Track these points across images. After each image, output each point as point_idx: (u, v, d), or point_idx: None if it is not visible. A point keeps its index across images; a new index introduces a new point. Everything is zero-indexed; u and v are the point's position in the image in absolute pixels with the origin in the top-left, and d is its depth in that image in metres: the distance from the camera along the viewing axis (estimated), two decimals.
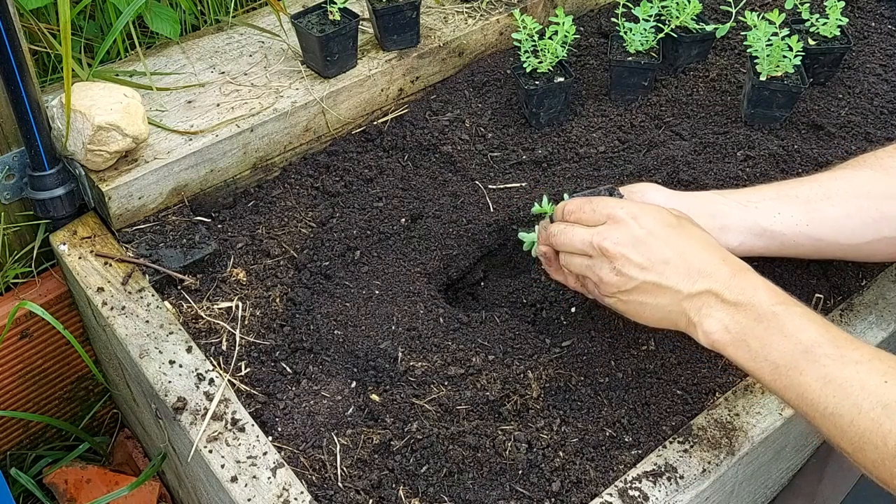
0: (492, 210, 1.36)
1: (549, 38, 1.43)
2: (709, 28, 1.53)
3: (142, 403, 1.28)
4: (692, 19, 1.51)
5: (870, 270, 1.25)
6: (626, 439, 1.06)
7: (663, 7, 1.52)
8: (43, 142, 1.25)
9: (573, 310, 1.19)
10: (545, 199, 1.15)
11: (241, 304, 1.23)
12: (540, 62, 1.45)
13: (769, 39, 1.38)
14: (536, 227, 1.18)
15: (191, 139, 1.33)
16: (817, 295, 1.21)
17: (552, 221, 1.11)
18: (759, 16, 1.41)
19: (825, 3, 1.49)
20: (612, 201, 1.04)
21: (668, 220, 1.02)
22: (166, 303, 1.21)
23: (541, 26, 1.44)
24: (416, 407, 1.09)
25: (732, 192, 1.16)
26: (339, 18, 1.43)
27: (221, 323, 1.20)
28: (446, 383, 1.11)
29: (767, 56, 1.39)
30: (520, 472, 1.03)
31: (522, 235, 1.20)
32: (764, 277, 0.98)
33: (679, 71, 1.57)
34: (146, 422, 1.35)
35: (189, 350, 1.14)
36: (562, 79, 1.45)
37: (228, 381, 1.11)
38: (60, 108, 1.24)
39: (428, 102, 1.53)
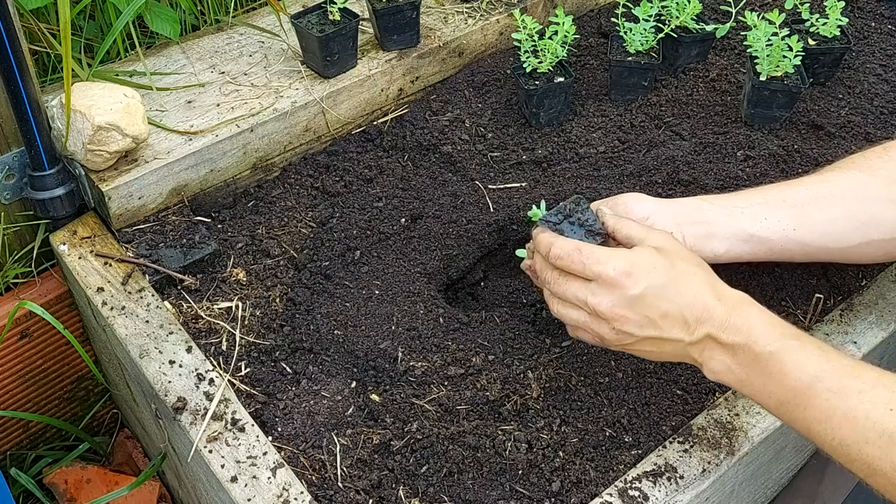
0: (492, 210, 1.36)
1: (549, 38, 1.43)
2: (709, 28, 1.53)
3: (142, 403, 1.28)
4: (692, 19, 1.51)
5: (870, 270, 1.25)
6: (626, 439, 1.06)
7: (663, 7, 1.52)
8: (43, 142, 1.25)
9: None
10: (543, 204, 1.14)
11: (241, 304, 1.23)
12: (540, 62, 1.45)
13: (769, 39, 1.38)
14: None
15: (191, 139, 1.33)
16: (817, 295, 1.21)
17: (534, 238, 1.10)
18: (759, 16, 1.41)
19: (825, 3, 1.49)
20: (602, 255, 0.99)
21: (659, 264, 0.98)
22: (166, 303, 1.21)
23: (541, 26, 1.44)
24: (416, 407, 1.09)
25: (719, 198, 1.14)
26: (339, 18, 1.43)
27: (221, 323, 1.20)
28: (446, 383, 1.11)
29: (767, 56, 1.39)
30: (520, 472, 1.03)
31: (521, 252, 1.19)
32: (761, 306, 0.97)
33: (679, 71, 1.57)
34: (146, 422, 1.35)
35: (189, 350, 1.14)
36: (562, 79, 1.45)
37: (228, 381, 1.11)
38: (60, 108, 1.24)
39: (428, 102, 1.53)
